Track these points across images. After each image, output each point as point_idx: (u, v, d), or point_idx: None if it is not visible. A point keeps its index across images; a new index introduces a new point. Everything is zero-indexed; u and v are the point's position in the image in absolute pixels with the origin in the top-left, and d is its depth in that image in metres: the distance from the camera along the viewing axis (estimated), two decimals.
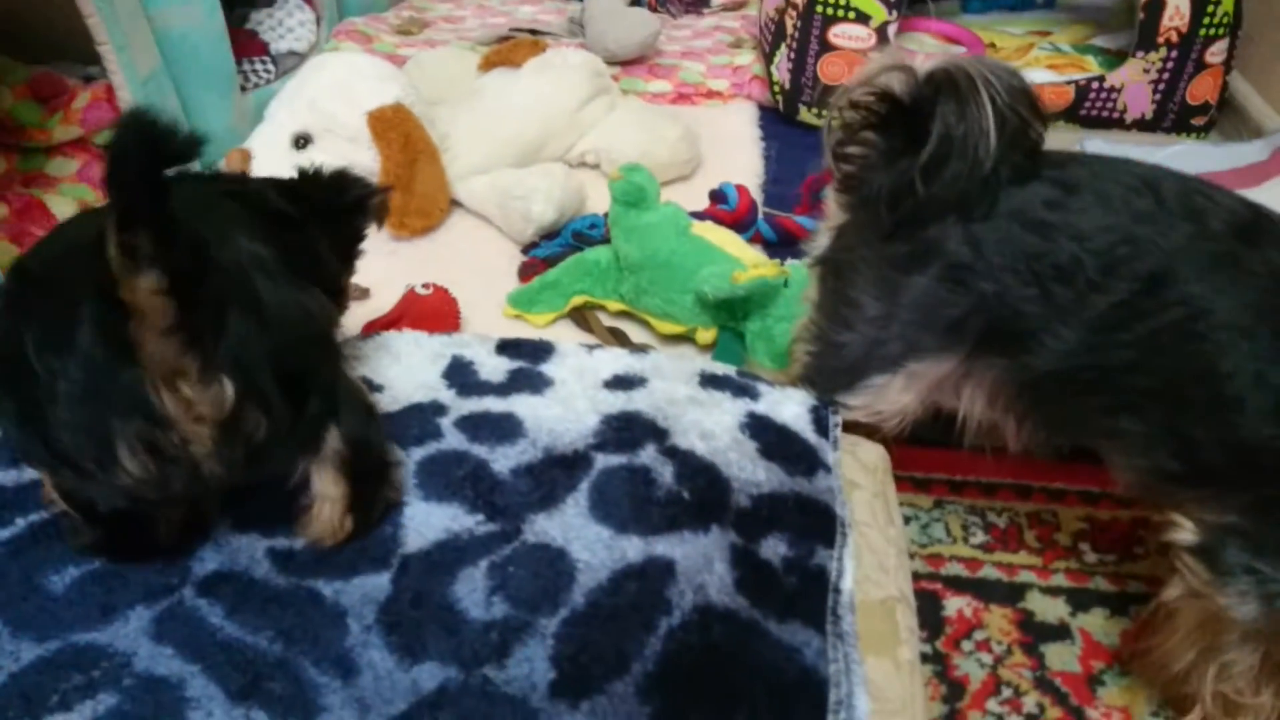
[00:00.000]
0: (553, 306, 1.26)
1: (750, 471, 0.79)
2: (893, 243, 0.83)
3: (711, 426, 0.82)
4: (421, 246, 1.41)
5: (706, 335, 1.19)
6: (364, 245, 0.94)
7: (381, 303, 1.21)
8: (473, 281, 1.30)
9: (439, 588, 0.66)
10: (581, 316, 1.26)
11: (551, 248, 1.36)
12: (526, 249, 1.38)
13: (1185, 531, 0.77)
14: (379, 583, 0.66)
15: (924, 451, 1.06)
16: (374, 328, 1.12)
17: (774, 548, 0.73)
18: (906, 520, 1.01)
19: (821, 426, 0.86)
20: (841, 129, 0.85)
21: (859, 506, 0.83)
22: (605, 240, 1.28)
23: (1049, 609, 0.93)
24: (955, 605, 0.93)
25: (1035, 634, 0.90)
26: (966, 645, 0.89)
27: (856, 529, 0.80)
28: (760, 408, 0.86)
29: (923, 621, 0.91)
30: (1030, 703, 0.85)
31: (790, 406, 0.87)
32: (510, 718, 0.58)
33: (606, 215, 1.27)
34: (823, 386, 0.90)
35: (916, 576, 0.95)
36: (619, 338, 1.22)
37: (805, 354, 0.92)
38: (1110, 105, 1.62)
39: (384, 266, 1.29)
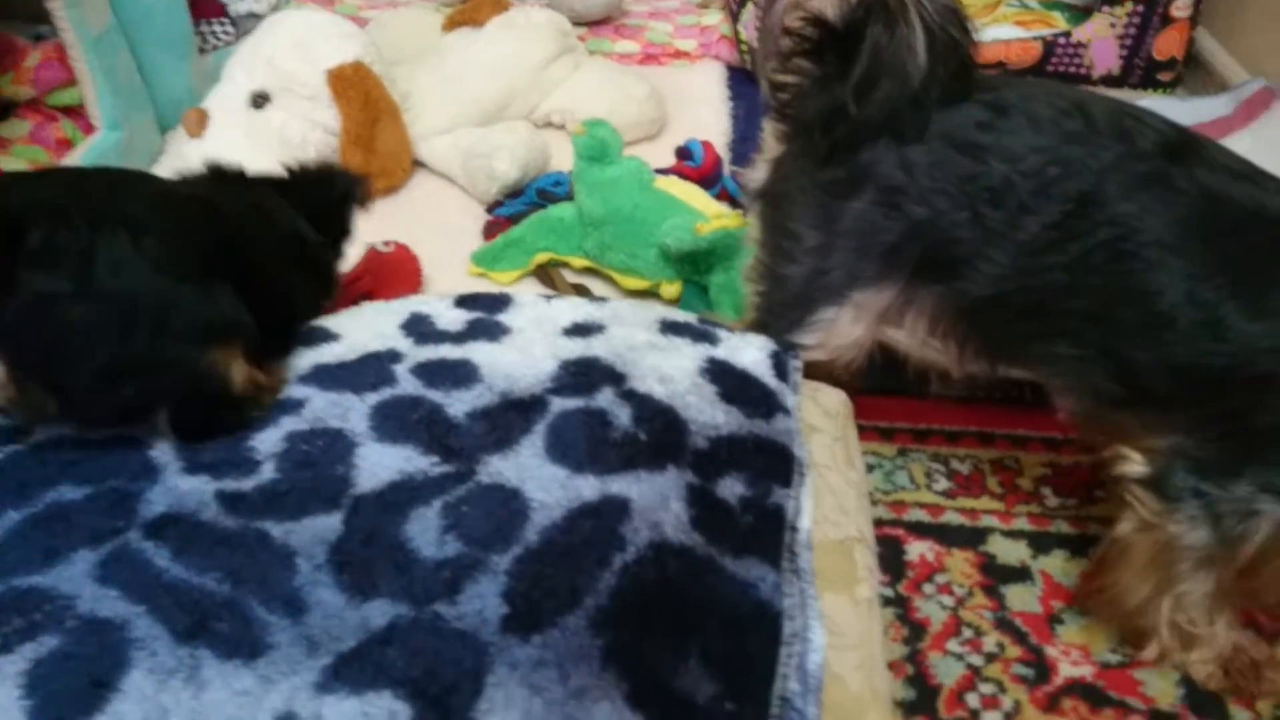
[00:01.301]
0: (517, 264, 1.25)
1: (709, 414, 0.78)
2: (828, 169, 0.83)
3: (670, 371, 0.81)
4: (385, 206, 1.38)
5: (671, 289, 1.18)
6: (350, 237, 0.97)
7: (344, 263, 1.19)
8: (437, 241, 1.28)
9: (391, 527, 0.65)
10: (546, 274, 1.25)
11: (516, 206, 1.35)
12: (491, 208, 1.36)
13: (1133, 463, 0.78)
14: (330, 523, 0.65)
15: (888, 400, 1.07)
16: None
17: (731, 487, 0.72)
18: (871, 468, 1.01)
19: (781, 371, 0.85)
20: (776, 57, 0.85)
21: (819, 449, 0.83)
22: (570, 197, 1.27)
23: (1010, 552, 0.93)
24: (918, 550, 0.93)
25: (996, 576, 0.91)
26: (928, 588, 0.90)
27: (816, 471, 0.80)
28: (720, 353, 0.85)
29: (885, 566, 0.91)
30: (990, 642, 0.85)
31: (750, 351, 0.86)
32: (460, 651, 0.58)
33: (571, 173, 1.26)
34: (775, 325, 0.89)
35: (880, 523, 0.95)
36: (583, 294, 1.21)
37: (755, 294, 0.92)
38: (1077, 61, 1.62)
39: None
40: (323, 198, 0.91)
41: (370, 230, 1.29)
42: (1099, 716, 0.80)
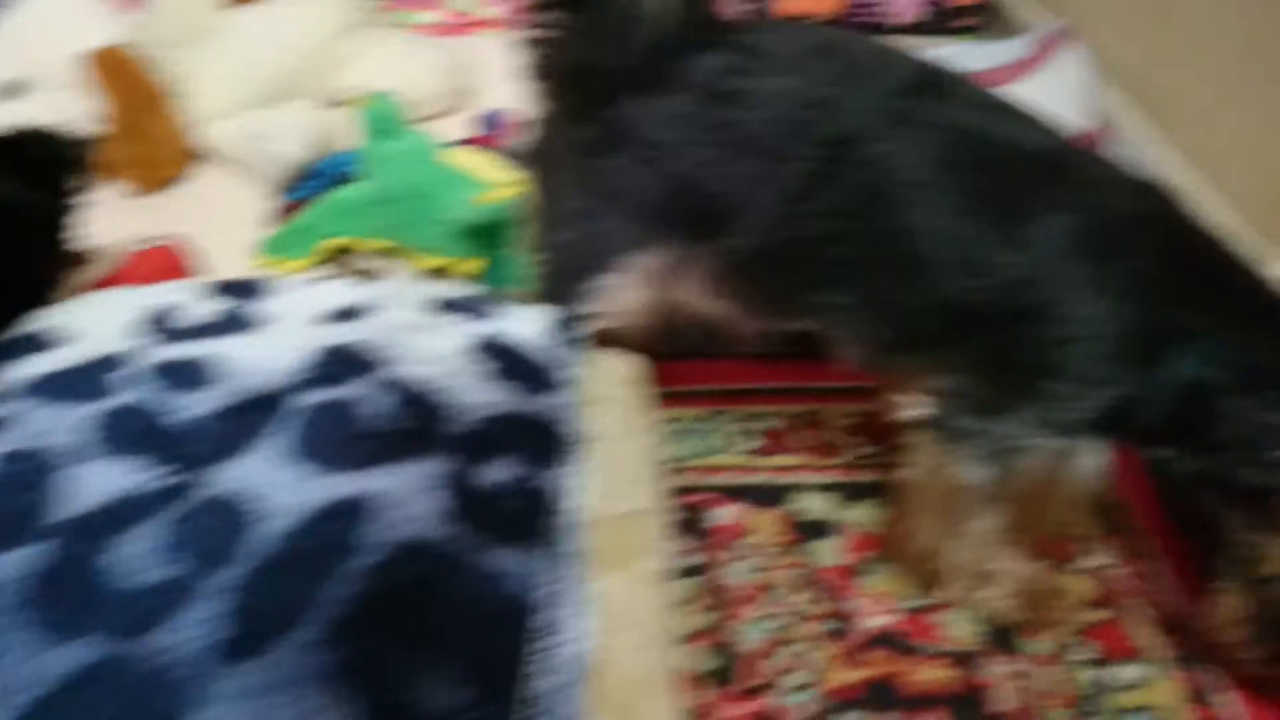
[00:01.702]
0: (306, 251, 1.17)
1: (477, 395, 0.73)
2: (584, 127, 0.79)
3: (440, 351, 0.76)
4: (164, 200, 1.29)
5: (471, 266, 1.13)
6: (80, 202, 0.88)
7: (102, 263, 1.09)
8: (224, 234, 1.19)
9: (100, 555, 0.58)
10: (340, 260, 1.18)
11: (309, 189, 1.27)
12: (285, 193, 1.28)
13: (911, 405, 0.77)
14: (27, 556, 0.58)
15: (697, 363, 1.04)
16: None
17: (497, 472, 0.68)
18: (679, 434, 0.98)
19: (560, 342, 0.81)
20: (527, 9, 0.81)
21: (606, 420, 0.79)
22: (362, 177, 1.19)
23: (819, 507, 0.91)
24: (726, 513, 0.91)
25: (805, 533, 0.89)
26: (736, 552, 0.87)
27: (602, 443, 0.76)
28: (495, 328, 0.81)
29: (692, 533, 0.89)
30: (797, 602, 0.83)
31: (527, 325, 0.82)
32: (167, 688, 0.52)
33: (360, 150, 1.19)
34: (557, 296, 0.85)
35: (688, 489, 0.92)
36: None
37: (537, 265, 0.88)
38: (880, 11, 1.62)
39: (122, 224, 1.17)
40: (34, 159, 0.82)
41: (149, 228, 1.20)
42: (902, 664, 0.79)
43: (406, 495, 0.64)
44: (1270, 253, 1.12)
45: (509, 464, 0.69)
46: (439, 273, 1.14)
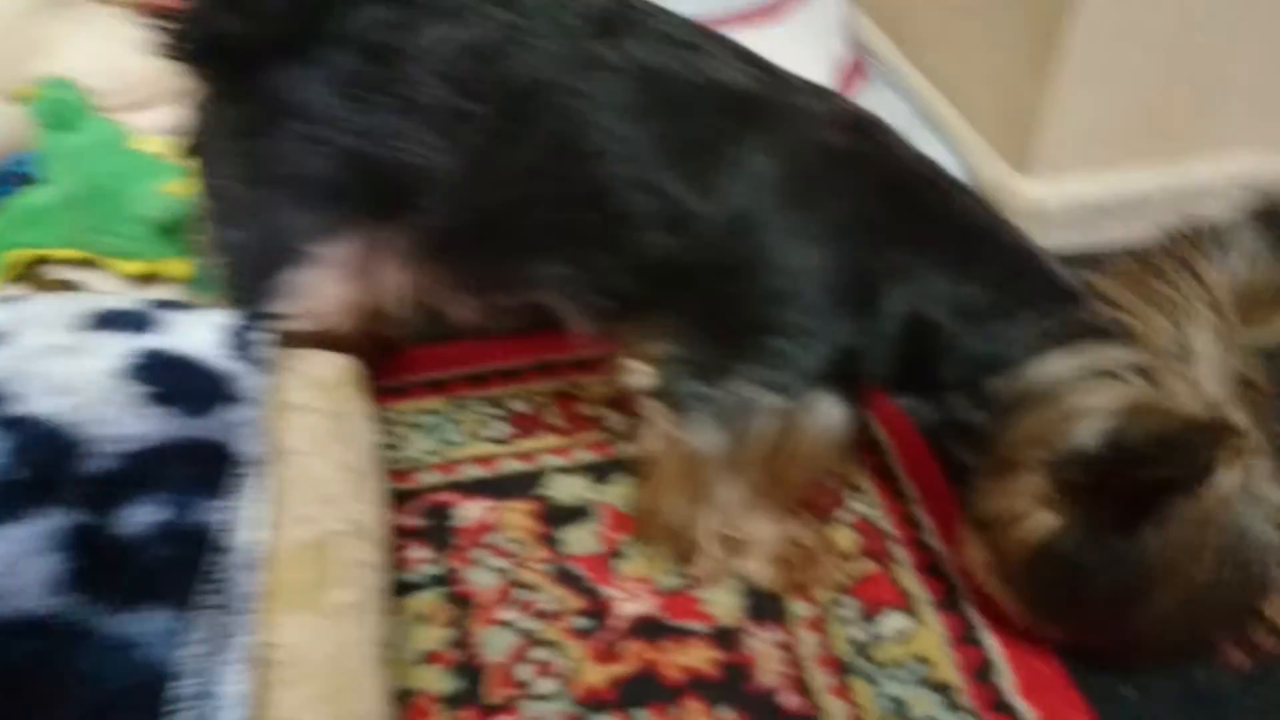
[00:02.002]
0: None
1: (126, 425, 0.63)
2: (236, 104, 0.69)
3: (76, 379, 0.65)
4: None
5: (179, 268, 1.00)
6: None
7: None
8: None
9: None
10: (30, 275, 1.03)
11: None
12: None
13: (639, 374, 0.71)
14: None
15: (437, 349, 0.95)
16: None
17: (141, 517, 0.58)
18: (418, 428, 0.90)
19: (240, 350, 0.71)
20: None
21: (298, 432, 0.70)
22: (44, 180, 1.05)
23: (570, 490, 0.85)
24: (469, 512, 0.83)
25: (554, 521, 0.82)
26: (478, 553, 0.80)
27: (291, 460, 0.67)
28: (160, 342, 0.70)
29: (430, 539, 0.81)
30: (546, 598, 0.77)
31: (200, 333, 0.71)
32: None
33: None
34: (242, 299, 0.75)
35: (426, 490, 0.84)
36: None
37: (215, 267, 0.77)
38: None
39: None
40: None
41: None
42: (661, 651, 0.73)
43: (12, 563, 0.53)
44: (1013, 177, 1.11)
45: (157, 505, 0.59)
46: (147, 279, 1.02)
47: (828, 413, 0.70)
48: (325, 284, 0.75)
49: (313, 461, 0.68)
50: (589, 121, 0.66)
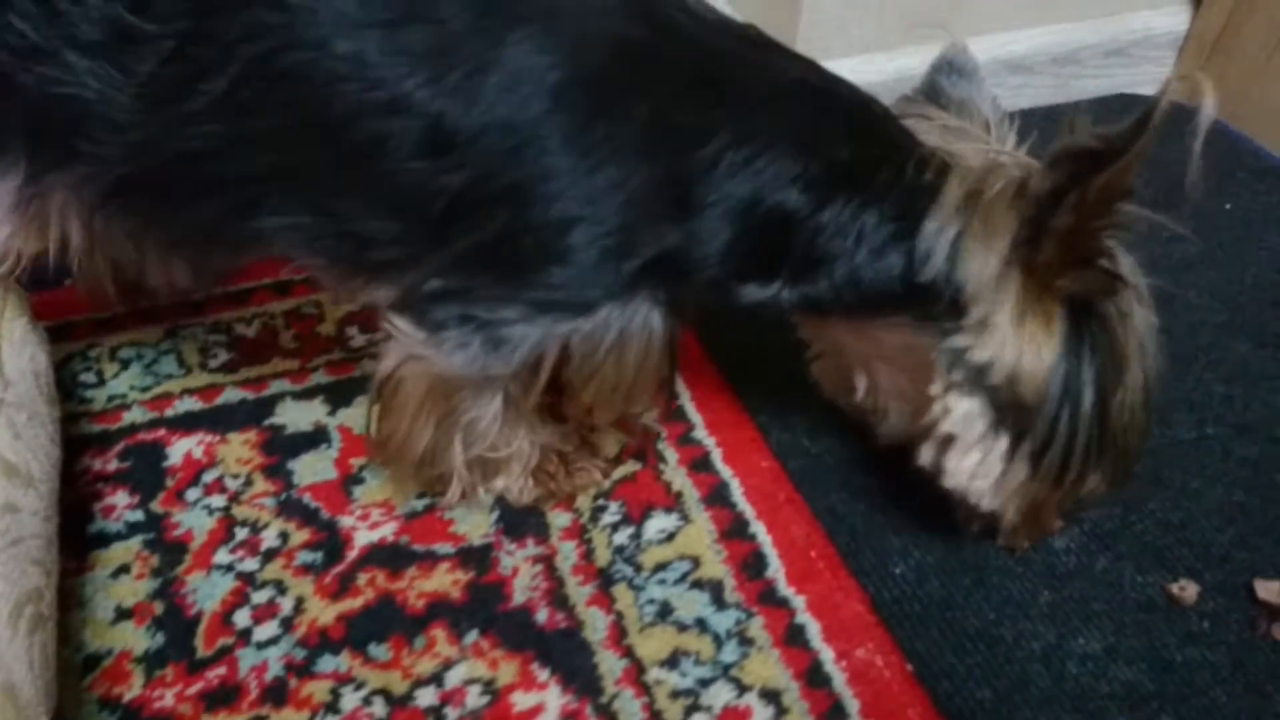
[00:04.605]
0: None
1: None
2: None
3: None
4: None
5: None
6: None
7: None
8: None
9: None
10: None
11: None
12: None
13: (382, 289, 0.61)
14: None
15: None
16: None
17: None
18: (126, 364, 0.78)
19: None
20: None
21: None
22: None
23: (302, 416, 0.76)
24: (182, 449, 0.73)
25: (283, 451, 0.73)
26: (192, 494, 0.70)
27: None
28: None
29: (137, 482, 0.70)
30: (271, 535, 0.68)
31: None
32: None
33: None
34: None
35: (133, 429, 0.74)
36: None
37: None
38: None
39: None
40: None
41: None
42: (401, 579, 0.66)
43: None
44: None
45: None
46: None
47: (637, 327, 0.62)
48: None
49: None
50: (305, 39, 0.55)
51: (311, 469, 0.72)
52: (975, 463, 0.61)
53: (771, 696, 0.61)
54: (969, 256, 0.57)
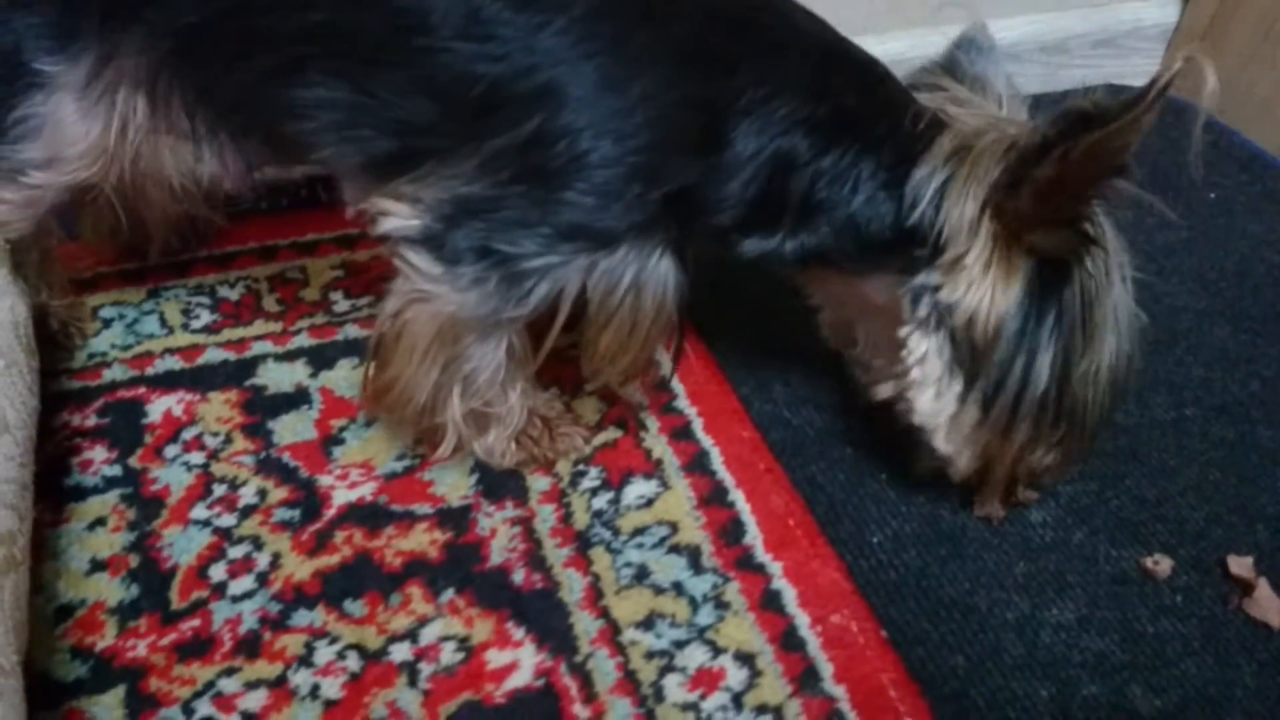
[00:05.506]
0: None
1: None
2: None
3: None
4: None
5: None
6: None
7: None
8: None
9: None
10: None
11: None
12: None
13: (399, 217, 0.60)
14: None
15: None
16: None
17: None
18: (108, 323, 0.78)
19: None
20: None
21: None
22: None
23: (284, 377, 0.75)
24: (162, 407, 0.73)
25: (263, 411, 0.73)
26: (171, 450, 0.70)
27: None
28: None
29: (117, 438, 0.70)
30: (250, 492, 0.68)
31: None
32: None
33: None
34: None
35: (113, 386, 0.74)
36: None
37: None
38: None
39: None
40: None
41: None
42: (378, 538, 0.66)
43: None
44: None
45: None
46: None
47: (653, 269, 0.62)
48: (81, 123, 0.62)
49: None
50: None
51: (292, 429, 0.72)
52: (931, 398, 0.63)
53: (746, 659, 0.61)
54: (951, 200, 0.59)
